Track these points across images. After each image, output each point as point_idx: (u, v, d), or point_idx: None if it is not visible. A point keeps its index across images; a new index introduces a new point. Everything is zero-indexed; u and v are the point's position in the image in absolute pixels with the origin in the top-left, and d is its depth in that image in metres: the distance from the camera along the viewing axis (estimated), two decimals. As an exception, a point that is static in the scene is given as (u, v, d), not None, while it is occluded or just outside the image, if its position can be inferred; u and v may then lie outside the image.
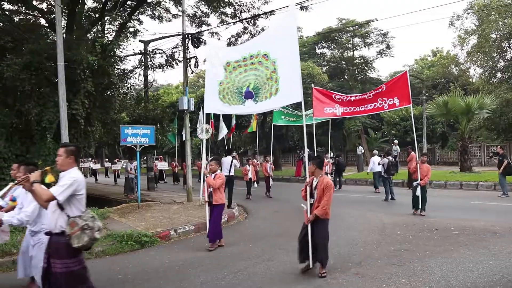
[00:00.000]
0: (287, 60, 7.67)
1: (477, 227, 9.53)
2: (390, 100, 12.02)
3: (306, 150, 7.98)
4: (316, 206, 6.45)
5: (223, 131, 20.93)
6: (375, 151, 20.42)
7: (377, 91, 12.40)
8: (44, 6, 17.38)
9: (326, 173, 17.85)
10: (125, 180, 20.10)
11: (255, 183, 19.79)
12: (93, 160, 39.38)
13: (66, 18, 16.06)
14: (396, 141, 25.31)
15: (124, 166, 24.10)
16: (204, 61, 15.15)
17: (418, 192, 11.78)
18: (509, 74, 31.06)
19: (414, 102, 37.04)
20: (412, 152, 14.95)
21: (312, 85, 15.46)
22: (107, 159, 42.89)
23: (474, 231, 9.13)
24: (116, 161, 34.10)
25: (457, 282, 5.84)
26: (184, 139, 18.38)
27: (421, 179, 11.78)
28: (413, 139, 13.06)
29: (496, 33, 29.53)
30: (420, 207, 11.77)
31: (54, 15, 12.99)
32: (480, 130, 34.21)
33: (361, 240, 8.72)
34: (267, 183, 18.23)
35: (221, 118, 20.20)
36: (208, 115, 20.51)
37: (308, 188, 6.71)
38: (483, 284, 5.72)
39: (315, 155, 14.43)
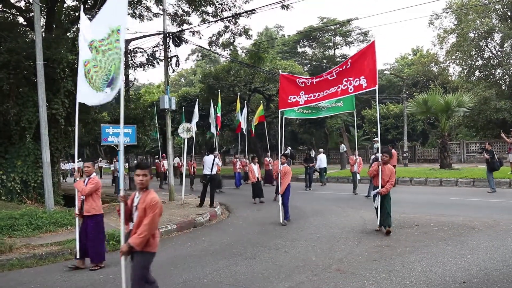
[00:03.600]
0: (122, 35, 5.80)
1: (456, 222, 9.67)
2: (356, 81, 9.70)
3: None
4: (134, 232, 4.48)
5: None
6: (321, 149, 21.03)
7: (341, 69, 10.05)
8: (22, 4, 17.22)
9: (356, 173, 16.68)
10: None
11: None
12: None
13: (45, 17, 15.89)
14: (376, 139, 25.53)
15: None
16: (186, 59, 15.02)
17: (377, 204, 8.81)
18: (487, 72, 31.73)
19: (395, 100, 37.72)
20: (393, 150, 15.15)
21: (280, 71, 13.82)
22: (100, 159, 42.11)
23: (453, 226, 9.27)
24: (114, 160, 32.49)
25: (436, 277, 5.95)
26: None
27: (382, 186, 8.79)
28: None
29: (474, 32, 30.14)
30: (379, 222, 8.97)
31: (32, 13, 12.84)
32: (460, 128, 34.85)
33: (343, 237, 8.79)
34: (277, 184, 14.81)
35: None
36: (215, 109, 20.21)
37: (123, 207, 4.79)
38: (461, 278, 5.84)
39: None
